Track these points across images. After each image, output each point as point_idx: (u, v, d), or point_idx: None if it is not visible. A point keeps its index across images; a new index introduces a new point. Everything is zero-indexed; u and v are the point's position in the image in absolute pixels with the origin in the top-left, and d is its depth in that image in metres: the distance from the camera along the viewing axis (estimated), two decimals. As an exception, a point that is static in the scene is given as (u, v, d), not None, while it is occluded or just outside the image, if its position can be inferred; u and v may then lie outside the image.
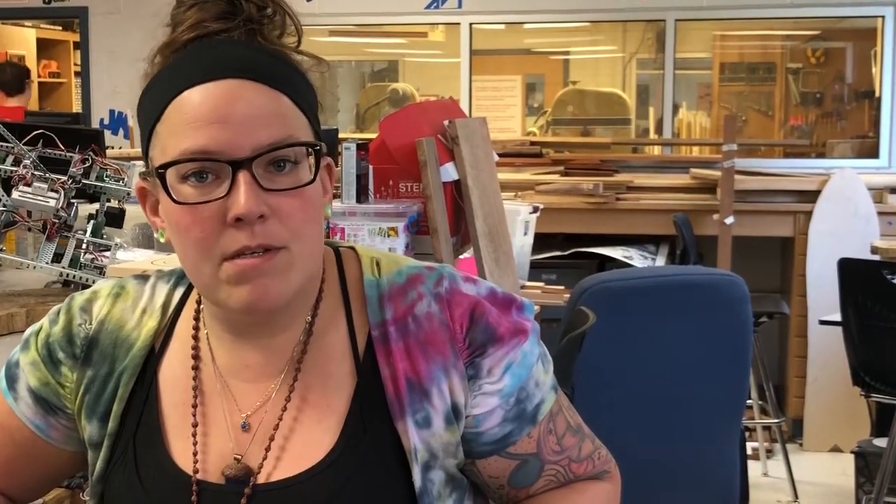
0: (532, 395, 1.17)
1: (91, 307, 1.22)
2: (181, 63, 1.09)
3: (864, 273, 3.62)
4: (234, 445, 1.13)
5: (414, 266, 1.18)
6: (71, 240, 2.29)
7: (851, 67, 6.52)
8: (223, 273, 1.06)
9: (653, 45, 6.75)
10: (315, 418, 1.12)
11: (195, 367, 1.17)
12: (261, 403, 1.14)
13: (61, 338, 1.21)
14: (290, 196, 1.07)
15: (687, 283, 2.61)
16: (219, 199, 1.05)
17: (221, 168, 1.05)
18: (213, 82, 1.07)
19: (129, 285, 1.23)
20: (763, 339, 4.60)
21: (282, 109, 1.08)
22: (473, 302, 1.15)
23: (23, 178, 2.26)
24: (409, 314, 1.14)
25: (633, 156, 6.38)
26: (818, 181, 5.11)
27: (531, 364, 1.17)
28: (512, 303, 1.17)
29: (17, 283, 2.45)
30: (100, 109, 6.42)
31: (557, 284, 3.92)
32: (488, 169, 2.88)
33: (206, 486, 1.13)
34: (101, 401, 1.18)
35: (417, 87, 7.23)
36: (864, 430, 4.61)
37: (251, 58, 1.09)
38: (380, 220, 2.53)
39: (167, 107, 1.08)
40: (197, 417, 1.15)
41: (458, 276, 1.17)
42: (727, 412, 2.60)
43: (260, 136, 1.06)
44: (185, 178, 1.06)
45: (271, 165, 1.07)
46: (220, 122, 1.05)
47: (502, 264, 2.82)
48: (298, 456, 1.11)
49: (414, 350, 1.12)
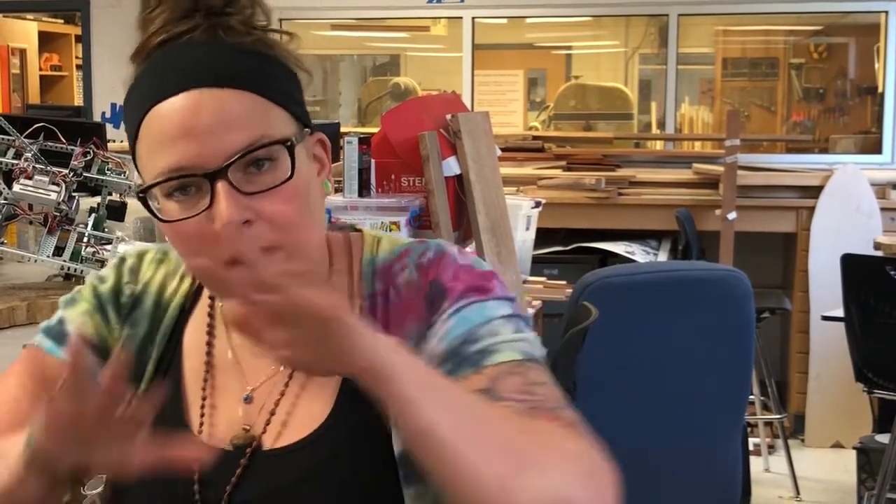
0: (481, 340, 1.10)
1: (138, 269, 1.25)
2: (147, 75, 1.10)
3: (867, 269, 3.61)
4: (242, 416, 1.16)
5: (407, 243, 1.20)
6: (72, 233, 2.29)
7: (854, 63, 6.51)
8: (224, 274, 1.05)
9: (655, 40, 6.74)
10: (315, 390, 1.15)
11: (209, 343, 1.20)
12: (268, 377, 1.17)
13: (110, 293, 1.23)
14: (273, 194, 1.07)
15: (689, 279, 2.61)
16: (202, 211, 1.06)
17: (201, 181, 1.06)
18: (176, 96, 1.07)
19: (172, 253, 1.25)
20: (765, 334, 4.59)
21: (249, 110, 1.07)
22: (443, 265, 1.15)
23: (24, 171, 2.26)
24: (391, 284, 1.16)
25: (636, 151, 6.37)
26: (821, 177, 5.10)
27: (488, 316, 1.11)
28: (484, 274, 1.14)
29: (19, 277, 2.44)
30: (101, 103, 6.41)
31: (559, 279, 3.91)
32: (490, 163, 2.87)
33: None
34: (138, 361, 1.20)
35: (419, 82, 7.22)
36: (866, 427, 4.61)
37: (213, 62, 1.08)
38: (382, 215, 2.53)
39: (140, 125, 1.09)
40: (206, 392, 1.18)
41: (445, 247, 1.17)
42: (729, 408, 2.60)
43: (229, 142, 1.05)
44: (170, 195, 1.07)
45: (251, 166, 1.06)
46: (187, 136, 1.05)
47: (504, 259, 2.82)
48: (298, 426, 1.14)
49: (393, 319, 1.14)
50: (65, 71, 9.06)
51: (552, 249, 5.10)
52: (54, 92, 8.98)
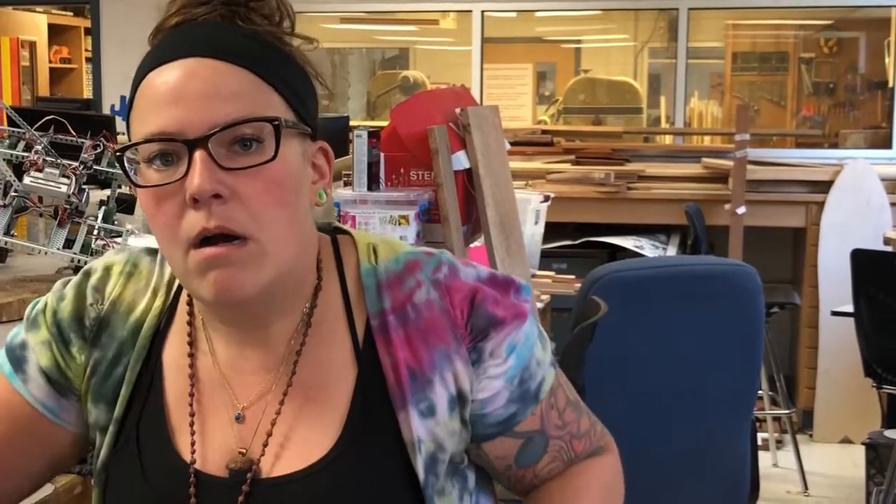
0: (535, 374, 1.17)
1: (104, 287, 1.19)
2: (152, 50, 1.09)
3: (877, 264, 3.60)
4: (236, 439, 1.11)
5: (411, 252, 1.16)
6: (82, 226, 2.29)
7: (865, 57, 6.48)
8: (191, 261, 1.04)
9: (665, 34, 6.72)
10: (315, 411, 1.10)
11: (191, 355, 1.15)
12: (259, 396, 1.12)
13: (70, 318, 1.18)
14: (250, 176, 1.03)
15: (698, 273, 2.60)
16: (177, 180, 1.03)
17: (181, 150, 1.03)
18: (172, 63, 1.05)
19: (143, 263, 1.20)
20: (774, 329, 4.59)
21: (242, 86, 1.05)
22: (473, 288, 1.13)
23: (34, 163, 2.26)
24: (408, 302, 1.12)
25: (645, 145, 6.36)
26: (830, 171, 5.09)
27: (532, 344, 1.16)
28: (510, 285, 1.16)
29: (29, 269, 2.45)
30: (111, 96, 6.40)
31: (568, 274, 3.91)
32: (500, 157, 2.87)
33: (206, 479, 1.11)
34: (108, 384, 1.15)
35: (428, 75, 7.21)
36: (875, 422, 4.60)
37: (217, 36, 1.06)
38: (391, 209, 2.53)
39: (136, 95, 1.07)
40: (195, 407, 1.13)
41: (456, 262, 1.16)
42: (738, 402, 2.59)
43: (217, 113, 1.02)
44: (151, 162, 1.05)
45: (236, 145, 1.03)
46: (176, 101, 1.03)
47: (513, 253, 2.81)
48: (299, 451, 1.09)
49: (414, 338, 1.11)
50: (74, 64, 9.07)
51: (561, 244, 5.10)
52: (64, 85, 8.99)
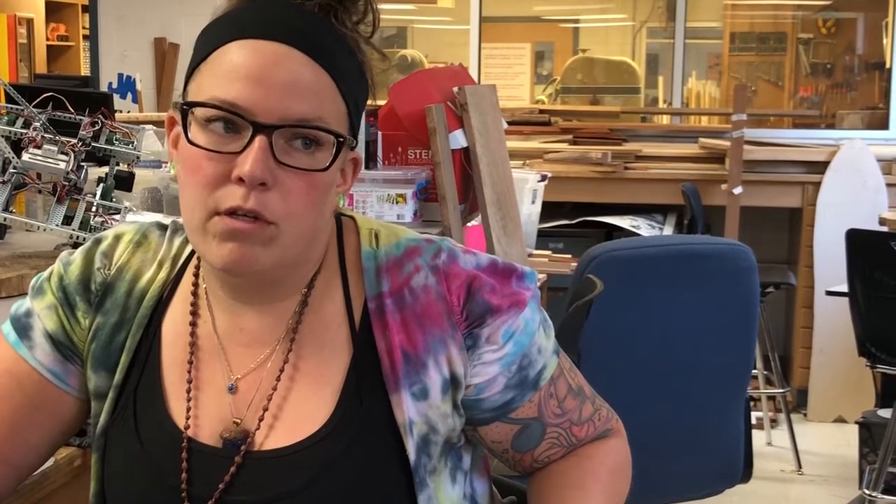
0: (534, 362, 1.17)
1: (112, 253, 1.21)
2: (243, 11, 1.09)
3: (872, 244, 3.61)
4: (231, 409, 1.13)
5: (412, 238, 1.18)
6: (81, 202, 2.29)
7: (863, 38, 6.47)
8: (212, 226, 1.06)
9: (663, 14, 6.71)
10: (310, 388, 1.12)
11: (193, 324, 1.17)
12: (253, 369, 1.14)
13: (77, 281, 1.20)
14: (298, 175, 1.06)
15: (694, 253, 2.61)
16: (230, 153, 1.05)
17: (244, 125, 1.05)
18: (264, 41, 1.06)
19: (153, 235, 1.23)
20: (769, 309, 4.60)
21: (321, 88, 1.07)
22: (471, 275, 1.14)
23: (33, 140, 2.26)
24: (406, 286, 1.14)
25: (642, 125, 6.36)
26: (827, 152, 5.10)
27: (533, 331, 1.17)
28: (512, 272, 1.17)
29: (27, 246, 2.45)
30: (108, 73, 6.38)
31: (565, 253, 3.93)
32: (497, 137, 2.87)
33: (199, 447, 1.13)
34: (109, 350, 1.17)
35: (426, 54, 7.20)
36: (868, 401, 4.63)
37: (312, 31, 1.08)
38: (388, 187, 2.54)
39: (215, 50, 1.08)
40: (192, 376, 1.15)
41: (456, 250, 1.17)
42: (732, 381, 2.61)
43: (291, 106, 1.05)
44: (209, 123, 1.06)
45: (297, 140, 1.07)
46: (256, 81, 1.05)
47: (510, 232, 2.82)
48: (292, 426, 1.12)
49: (410, 322, 1.12)
50: (72, 41, 9.04)
51: (558, 223, 5.11)
52: (61, 62, 8.96)
